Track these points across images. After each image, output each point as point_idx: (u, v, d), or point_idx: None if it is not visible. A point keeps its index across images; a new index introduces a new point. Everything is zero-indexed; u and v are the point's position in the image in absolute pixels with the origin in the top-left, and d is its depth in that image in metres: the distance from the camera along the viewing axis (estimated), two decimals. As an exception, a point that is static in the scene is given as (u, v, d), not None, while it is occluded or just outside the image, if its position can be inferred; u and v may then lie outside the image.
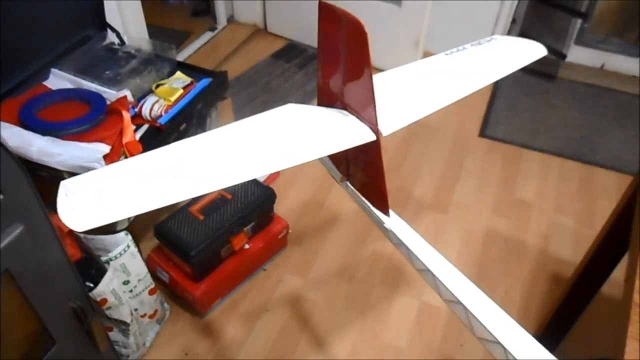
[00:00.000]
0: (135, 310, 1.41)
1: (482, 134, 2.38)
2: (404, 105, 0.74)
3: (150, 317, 1.49)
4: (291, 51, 2.86)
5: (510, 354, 0.54)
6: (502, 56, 0.83)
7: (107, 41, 1.65)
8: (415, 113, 0.73)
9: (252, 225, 1.64)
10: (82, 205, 0.54)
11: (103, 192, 0.56)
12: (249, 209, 1.61)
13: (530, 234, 1.93)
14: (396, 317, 1.65)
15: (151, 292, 1.44)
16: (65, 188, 0.56)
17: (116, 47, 1.62)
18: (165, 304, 1.60)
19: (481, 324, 0.57)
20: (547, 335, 1.45)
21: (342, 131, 0.67)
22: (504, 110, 2.52)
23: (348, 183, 0.78)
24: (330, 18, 0.65)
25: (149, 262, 1.61)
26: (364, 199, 0.75)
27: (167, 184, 0.58)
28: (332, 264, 1.81)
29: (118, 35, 1.64)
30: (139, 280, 1.37)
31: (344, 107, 0.71)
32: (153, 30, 2.22)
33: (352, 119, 0.69)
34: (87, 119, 1.33)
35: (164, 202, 0.56)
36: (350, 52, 0.65)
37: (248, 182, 1.69)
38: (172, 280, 1.59)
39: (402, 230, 0.69)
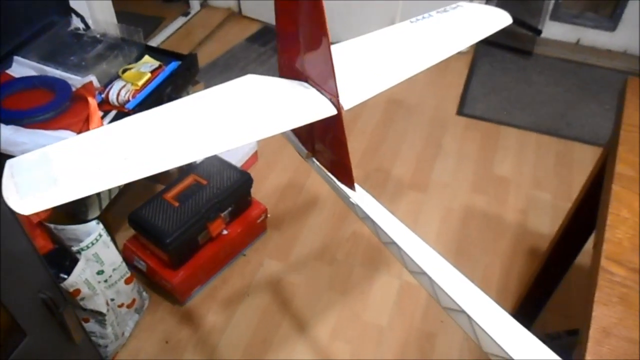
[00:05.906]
0: (112, 300, 1.39)
1: (460, 112, 2.38)
2: (367, 77, 0.72)
3: (128, 306, 1.47)
4: (266, 34, 2.82)
5: (475, 322, 0.54)
6: (468, 25, 0.82)
7: (72, 27, 1.60)
8: (378, 85, 0.71)
9: (230, 211, 1.63)
10: (28, 186, 0.52)
11: (52, 172, 0.54)
12: (225, 194, 1.59)
13: (509, 209, 1.94)
14: (377, 296, 1.65)
15: (127, 282, 1.41)
16: (12, 168, 0.54)
17: (81, 32, 1.57)
18: (144, 293, 1.58)
19: (445, 293, 0.56)
20: (526, 308, 1.46)
21: (303, 105, 0.65)
22: (481, 88, 2.52)
23: (314, 159, 0.77)
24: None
25: (125, 252, 1.59)
26: (329, 174, 0.74)
27: (118, 164, 0.56)
28: (312, 246, 1.80)
29: (83, 20, 1.59)
30: (114, 269, 1.35)
31: (305, 80, 0.69)
32: (124, 17, 2.16)
33: (313, 91, 0.67)
34: (52, 106, 1.29)
35: (114, 182, 0.54)
36: (306, 21, 0.63)
37: (224, 167, 1.67)
38: (149, 268, 1.57)
39: (367, 204, 0.68)
